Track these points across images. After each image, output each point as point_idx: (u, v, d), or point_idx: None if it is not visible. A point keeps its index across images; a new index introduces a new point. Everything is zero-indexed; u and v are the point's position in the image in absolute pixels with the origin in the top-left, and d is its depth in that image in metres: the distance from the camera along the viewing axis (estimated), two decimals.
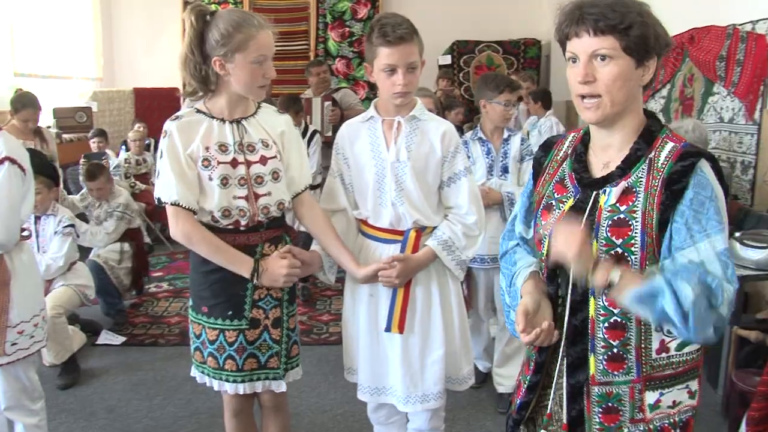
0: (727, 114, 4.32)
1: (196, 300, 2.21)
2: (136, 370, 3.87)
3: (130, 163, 6.76)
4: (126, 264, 4.63)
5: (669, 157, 1.43)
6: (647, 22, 1.41)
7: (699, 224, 1.37)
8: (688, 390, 1.52)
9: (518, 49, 8.34)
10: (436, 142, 2.21)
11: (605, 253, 1.44)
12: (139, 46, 8.49)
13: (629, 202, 1.44)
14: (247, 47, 2.00)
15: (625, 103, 1.45)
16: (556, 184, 1.59)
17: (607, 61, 1.41)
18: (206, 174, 2.07)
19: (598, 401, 1.52)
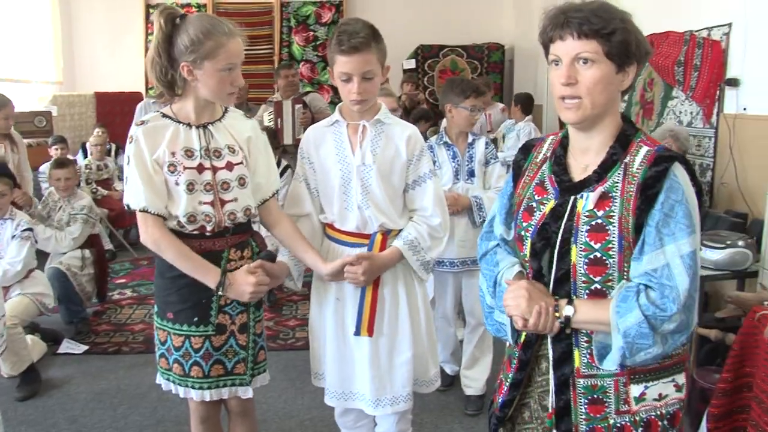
0: (686, 118, 4.42)
1: (162, 306, 2.18)
2: (99, 379, 3.80)
3: (91, 168, 6.65)
4: (88, 270, 4.55)
5: (644, 162, 1.47)
6: (629, 29, 1.45)
7: (668, 227, 1.42)
8: (675, 384, 1.55)
9: (482, 54, 8.42)
10: (402, 146, 2.23)
11: (585, 257, 1.48)
12: (101, 49, 8.35)
13: (606, 207, 1.48)
14: (216, 55, 1.99)
15: (604, 107, 1.49)
16: (536, 186, 1.62)
17: (589, 64, 1.45)
18: (172, 179, 2.05)
19: (583, 393, 1.55)
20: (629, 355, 1.45)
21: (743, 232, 3.43)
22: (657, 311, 1.41)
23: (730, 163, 3.84)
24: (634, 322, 1.42)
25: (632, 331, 1.42)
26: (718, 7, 4.09)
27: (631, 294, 1.44)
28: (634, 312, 1.42)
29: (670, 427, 1.55)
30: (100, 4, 8.33)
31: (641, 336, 1.42)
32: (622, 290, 1.46)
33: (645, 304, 1.41)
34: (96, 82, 8.22)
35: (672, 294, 1.41)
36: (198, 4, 8.35)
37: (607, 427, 1.54)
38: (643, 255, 1.44)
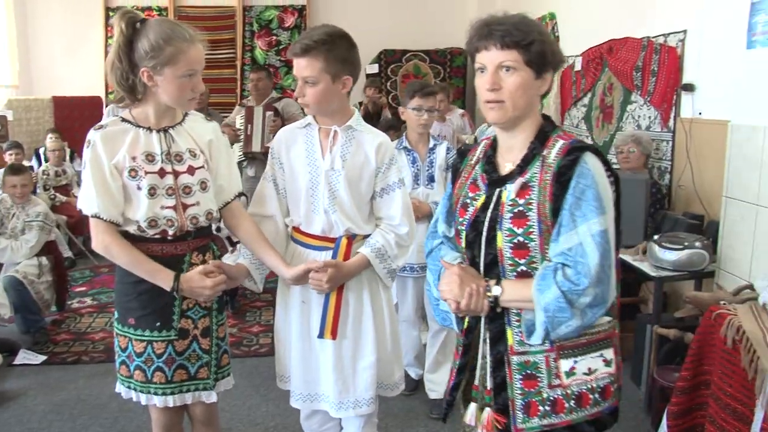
0: (644, 122, 4.51)
1: (122, 312, 2.15)
2: (58, 390, 3.71)
3: (49, 174, 6.52)
4: (46, 278, 4.45)
5: (558, 153, 1.62)
6: (545, 41, 1.63)
7: (579, 210, 1.56)
8: (603, 358, 1.66)
9: (445, 59, 8.47)
10: (371, 154, 2.23)
11: (509, 242, 1.63)
12: (59, 52, 8.18)
13: (526, 196, 1.62)
14: (177, 61, 1.97)
15: (524, 109, 1.65)
16: (470, 185, 1.78)
17: (511, 71, 1.61)
18: (134, 184, 2.04)
19: (517, 369, 1.67)
20: (552, 329, 1.58)
21: (700, 233, 3.51)
22: (572, 286, 1.54)
23: (687, 166, 3.92)
24: (553, 297, 1.55)
25: (551, 306, 1.56)
26: (674, 15, 4.18)
27: (549, 272, 1.57)
28: (552, 288, 1.55)
29: (602, 399, 1.66)
30: (57, 7, 8.15)
31: (560, 310, 1.55)
32: (542, 269, 1.60)
33: (561, 281, 1.55)
34: (54, 86, 8.04)
35: (584, 270, 1.54)
36: (159, 8, 8.24)
37: (541, 400, 1.65)
38: (559, 236, 1.57)
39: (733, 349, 2.27)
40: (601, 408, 1.66)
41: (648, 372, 3.30)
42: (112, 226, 2.03)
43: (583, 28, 5.55)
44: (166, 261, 2.09)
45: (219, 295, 2.20)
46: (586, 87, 5.47)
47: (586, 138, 5.49)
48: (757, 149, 3.07)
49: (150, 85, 2.01)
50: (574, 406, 1.65)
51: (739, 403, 2.24)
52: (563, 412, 1.65)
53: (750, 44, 3.19)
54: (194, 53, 2.01)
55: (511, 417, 1.68)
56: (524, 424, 1.67)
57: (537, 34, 1.61)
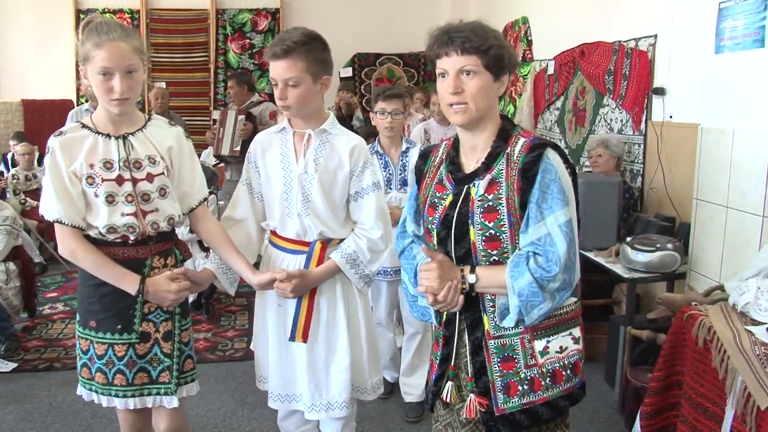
0: (617, 125, 4.56)
1: (84, 315, 2.16)
2: (29, 397, 3.65)
3: (19, 178, 6.42)
4: (14, 284, 4.37)
5: (522, 151, 1.73)
6: (502, 45, 1.74)
7: (546, 202, 1.68)
8: (572, 336, 1.80)
9: (418, 62, 8.50)
10: (345, 157, 2.23)
11: (482, 235, 1.73)
12: (29, 55, 8.05)
13: (495, 191, 1.73)
14: (91, 58, 1.98)
15: (486, 110, 1.76)
16: (436, 185, 1.87)
17: (471, 75, 1.73)
18: (91, 191, 2.04)
19: (495, 352, 1.77)
20: (525, 312, 1.70)
21: (671, 235, 3.55)
22: (543, 272, 1.67)
23: (658, 169, 3.98)
24: (526, 282, 1.67)
25: (525, 291, 1.68)
26: (645, 19, 4.24)
27: (521, 260, 1.69)
28: (525, 275, 1.67)
29: (573, 375, 1.80)
30: (27, 10, 8.03)
31: (532, 294, 1.68)
32: (514, 257, 1.71)
33: (533, 267, 1.67)
34: (24, 90, 7.92)
35: (554, 257, 1.67)
36: (131, 11, 8.16)
37: (519, 380, 1.76)
38: (528, 228, 1.69)
39: (704, 350, 2.30)
40: (572, 383, 1.79)
41: (621, 373, 3.33)
42: (76, 230, 2.04)
43: (556, 33, 5.60)
44: (127, 264, 2.09)
45: (183, 300, 2.20)
46: (558, 90, 5.52)
47: (560, 141, 5.54)
48: (726, 152, 3.13)
49: (86, 84, 2.05)
50: (549, 384, 1.76)
51: (711, 402, 2.27)
52: (540, 390, 1.76)
53: (718, 49, 3.24)
54: (109, 50, 1.96)
55: (492, 399, 1.77)
56: (505, 404, 1.76)
57: (494, 39, 1.72)
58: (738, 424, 2.11)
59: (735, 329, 2.26)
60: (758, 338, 2.19)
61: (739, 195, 3.03)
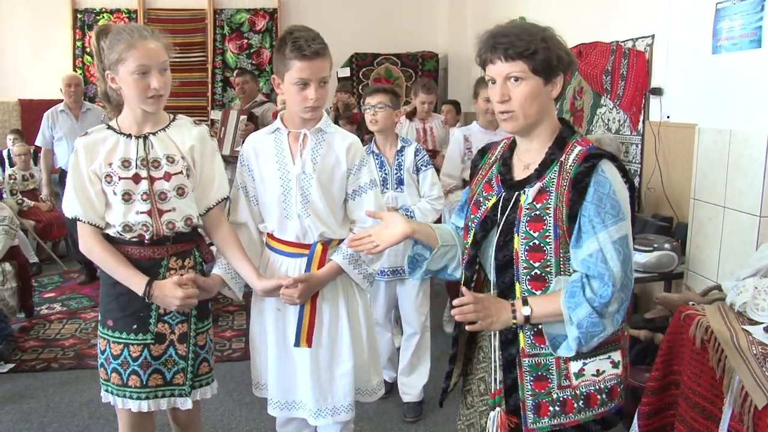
0: (614, 125, 4.57)
1: (103, 313, 2.20)
2: (27, 398, 3.65)
3: (15, 178, 6.41)
4: (10, 284, 4.37)
5: (576, 160, 1.66)
6: (549, 47, 1.66)
7: (599, 217, 1.60)
8: (611, 360, 1.72)
9: (416, 62, 8.49)
10: (342, 155, 2.23)
11: (525, 245, 1.67)
12: (25, 54, 8.02)
13: (543, 200, 1.67)
14: (125, 59, 2.01)
15: (537, 116, 1.70)
16: (485, 183, 1.84)
17: (519, 82, 1.66)
18: (110, 189, 2.09)
19: (529, 371, 1.72)
20: (585, 342, 1.63)
21: (669, 235, 3.56)
22: (601, 300, 1.60)
23: (656, 169, 3.98)
24: (585, 314, 1.60)
25: (585, 322, 1.61)
26: (642, 20, 4.25)
27: (577, 289, 1.61)
28: (584, 305, 1.60)
29: (609, 400, 1.73)
30: (23, 9, 8.00)
31: (593, 325, 1.61)
32: (569, 285, 1.64)
33: (591, 297, 1.60)
34: (20, 89, 7.90)
35: (608, 278, 1.59)
36: (128, 11, 8.15)
37: (551, 401, 1.71)
38: (581, 242, 1.62)
39: (701, 349, 2.31)
40: (608, 408, 1.73)
41: None
42: (94, 229, 2.10)
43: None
44: (143, 264, 2.11)
45: (199, 306, 2.20)
46: None
47: None
48: (723, 152, 3.13)
49: (115, 88, 2.08)
50: (582, 407, 1.71)
51: (708, 401, 2.28)
52: (572, 412, 1.71)
53: (715, 49, 3.25)
54: (143, 48, 2.02)
55: (522, 417, 1.73)
56: (535, 425, 1.72)
57: (539, 41, 1.65)
58: (735, 423, 2.12)
59: (732, 329, 2.26)
60: (755, 338, 2.20)
61: (737, 195, 3.04)
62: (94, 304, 5.13)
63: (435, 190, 3.33)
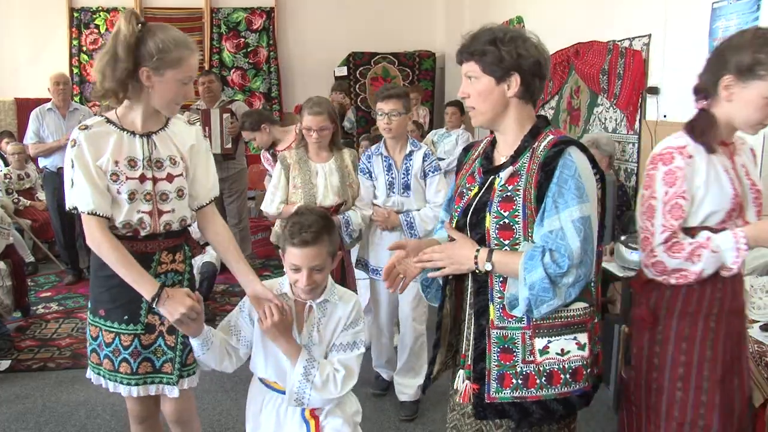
0: (611, 124, 4.58)
1: (95, 303, 2.22)
2: (23, 398, 3.64)
3: (11, 178, 6.39)
4: (4, 283, 4.35)
5: (546, 146, 1.76)
6: (501, 47, 1.75)
7: (562, 197, 1.69)
8: (576, 342, 1.77)
9: (413, 61, 8.49)
10: (343, 319, 2.14)
11: (496, 224, 1.77)
12: (22, 53, 8.00)
13: (515, 182, 1.77)
14: (179, 66, 2.05)
15: (493, 112, 1.82)
16: (468, 176, 1.94)
17: (473, 80, 1.82)
18: (114, 188, 2.09)
19: (496, 342, 1.79)
20: (534, 306, 1.71)
21: None
22: (556, 269, 1.67)
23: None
24: (538, 277, 1.68)
25: (536, 285, 1.69)
26: (639, 19, 4.26)
27: (537, 254, 1.70)
28: (539, 269, 1.68)
29: (573, 381, 1.77)
30: (21, 9, 7.98)
31: (543, 290, 1.69)
32: (530, 249, 1.72)
33: (548, 263, 1.68)
34: (17, 88, 7.88)
35: (566, 251, 1.67)
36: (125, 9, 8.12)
37: (514, 374, 1.77)
38: (543, 221, 1.71)
39: None
40: (571, 389, 1.77)
41: (616, 371, 3.34)
42: (104, 222, 2.07)
43: (550, 32, 5.60)
44: (136, 258, 2.11)
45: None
46: (553, 90, 5.53)
47: None
48: None
49: (147, 85, 2.05)
50: (544, 383, 1.76)
51: None
52: (534, 387, 1.76)
53: (712, 49, 3.26)
54: (194, 61, 2.11)
55: (485, 386, 1.80)
56: (497, 394, 1.79)
57: (488, 43, 1.76)
58: None
59: None
60: (752, 336, 2.20)
61: None
62: None
63: (440, 197, 3.26)
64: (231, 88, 8.38)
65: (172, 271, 2.23)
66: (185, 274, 2.28)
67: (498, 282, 1.79)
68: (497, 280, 1.79)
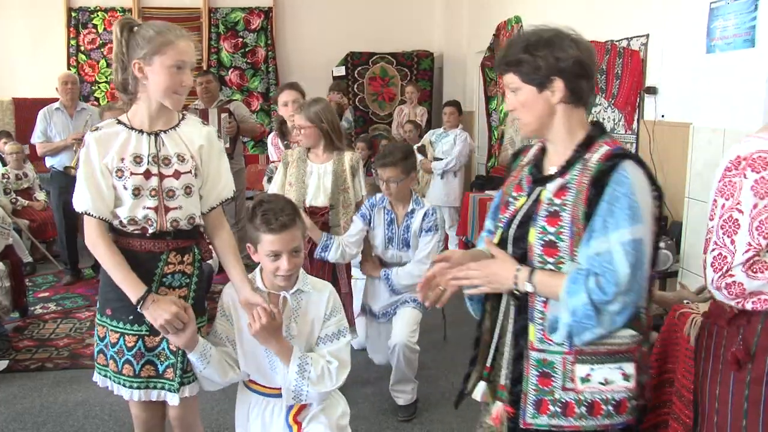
0: (609, 124, 4.58)
1: (102, 302, 2.23)
2: (20, 398, 3.64)
3: (9, 178, 6.39)
4: (3, 284, 4.34)
5: (600, 159, 1.64)
6: (537, 55, 1.66)
7: (612, 217, 1.56)
8: (622, 372, 1.65)
9: (411, 61, 8.50)
10: (321, 308, 2.19)
11: (540, 240, 1.66)
12: (19, 52, 7.99)
13: (563, 197, 1.66)
14: (165, 51, 2.05)
15: (538, 121, 1.73)
16: (516, 185, 1.84)
17: (515, 92, 1.73)
18: (120, 184, 2.12)
19: (535, 365, 1.69)
20: (575, 333, 1.60)
21: (664, 234, 3.57)
22: (601, 295, 1.54)
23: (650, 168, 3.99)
24: (581, 303, 1.56)
25: (579, 311, 1.57)
26: (637, 19, 4.26)
27: (581, 277, 1.57)
28: (581, 294, 1.56)
29: (615, 413, 1.65)
30: (18, 8, 7.97)
31: (586, 317, 1.57)
32: (573, 271, 1.60)
33: (592, 288, 1.55)
34: (14, 88, 7.87)
35: (613, 278, 1.54)
36: (123, 9, 8.13)
37: (553, 400, 1.67)
38: (591, 241, 1.58)
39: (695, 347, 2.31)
40: (612, 421, 1.66)
41: None
42: (102, 223, 2.12)
43: None
44: (143, 257, 2.15)
45: (195, 302, 2.22)
46: None
47: None
48: (717, 151, 3.14)
49: (140, 77, 2.08)
50: (584, 413, 1.65)
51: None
52: (573, 417, 1.66)
53: (709, 49, 3.27)
54: (184, 45, 2.09)
55: (521, 410, 1.70)
56: (533, 420, 1.69)
57: (522, 51, 1.68)
58: None
59: None
60: None
61: None
62: (88, 304, 5.12)
63: (422, 254, 3.24)
64: (229, 88, 8.38)
65: (180, 272, 2.22)
66: (193, 277, 2.26)
67: (539, 302, 1.68)
68: (539, 299, 1.68)
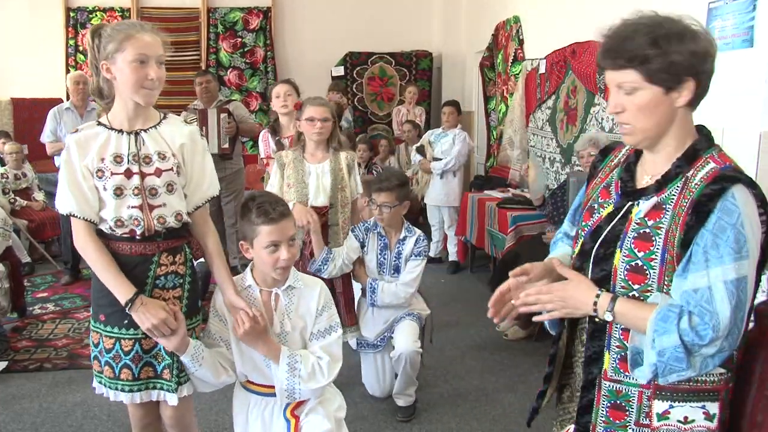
0: (608, 124, 4.58)
1: (95, 308, 2.22)
2: (19, 398, 3.63)
3: (8, 178, 6.38)
4: (2, 285, 4.34)
5: (704, 178, 1.43)
6: (668, 50, 1.40)
7: (716, 250, 1.37)
8: (705, 411, 1.49)
9: (410, 61, 8.50)
10: (313, 303, 2.21)
11: (626, 264, 1.48)
12: (17, 52, 7.98)
13: (657, 218, 1.46)
14: (125, 47, 2.03)
15: (657, 129, 1.48)
16: (602, 189, 1.64)
17: (631, 92, 1.45)
18: (101, 184, 2.11)
19: (607, 396, 1.55)
20: (661, 374, 1.43)
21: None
22: (695, 338, 1.37)
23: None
24: (671, 344, 1.39)
25: (668, 353, 1.40)
26: None
27: (673, 315, 1.40)
28: (673, 335, 1.38)
29: None
30: (17, 9, 7.96)
31: (676, 359, 1.40)
32: (664, 307, 1.42)
33: (685, 329, 1.38)
34: (13, 88, 7.87)
35: (712, 321, 1.37)
36: (122, 9, 8.12)
37: None
38: (688, 273, 1.40)
39: None
40: None
41: None
42: (89, 225, 2.11)
43: (547, 32, 5.61)
44: (135, 261, 2.14)
45: (189, 301, 2.24)
46: (550, 89, 5.54)
47: (551, 140, 5.55)
48: None
49: (109, 78, 2.09)
50: None
51: None
52: None
53: None
54: (143, 39, 2.05)
55: None
56: None
57: (650, 45, 1.40)
58: None
59: None
60: None
61: None
62: (87, 304, 5.11)
63: (409, 277, 3.27)
64: (228, 88, 8.38)
65: (173, 273, 2.22)
66: (186, 277, 2.26)
67: (618, 329, 1.52)
68: (617, 327, 1.52)
